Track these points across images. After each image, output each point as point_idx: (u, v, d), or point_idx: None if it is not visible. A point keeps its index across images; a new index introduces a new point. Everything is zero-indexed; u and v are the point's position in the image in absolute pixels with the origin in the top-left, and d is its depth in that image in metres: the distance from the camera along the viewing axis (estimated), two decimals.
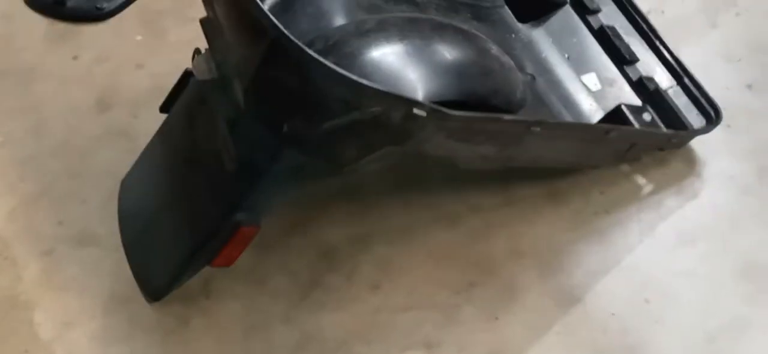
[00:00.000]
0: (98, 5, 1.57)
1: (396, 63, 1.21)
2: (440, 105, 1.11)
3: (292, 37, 1.01)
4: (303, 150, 1.11)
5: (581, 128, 1.36)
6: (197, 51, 1.19)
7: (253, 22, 1.04)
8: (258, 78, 1.07)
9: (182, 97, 1.26)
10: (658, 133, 1.38)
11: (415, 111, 1.07)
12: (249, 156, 1.13)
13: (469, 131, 1.17)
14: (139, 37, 1.55)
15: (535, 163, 1.32)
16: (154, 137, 1.30)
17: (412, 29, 1.27)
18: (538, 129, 1.22)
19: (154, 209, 1.27)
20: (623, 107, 1.37)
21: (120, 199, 1.31)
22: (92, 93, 1.47)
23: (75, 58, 1.52)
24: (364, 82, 1.04)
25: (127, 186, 1.32)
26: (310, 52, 1.02)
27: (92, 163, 1.40)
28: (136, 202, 1.29)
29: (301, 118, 1.08)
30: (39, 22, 1.56)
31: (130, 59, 1.51)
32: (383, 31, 1.23)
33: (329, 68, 1.02)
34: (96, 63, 1.51)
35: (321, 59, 1.02)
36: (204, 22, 1.17)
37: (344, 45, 1.19)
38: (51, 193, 1.36)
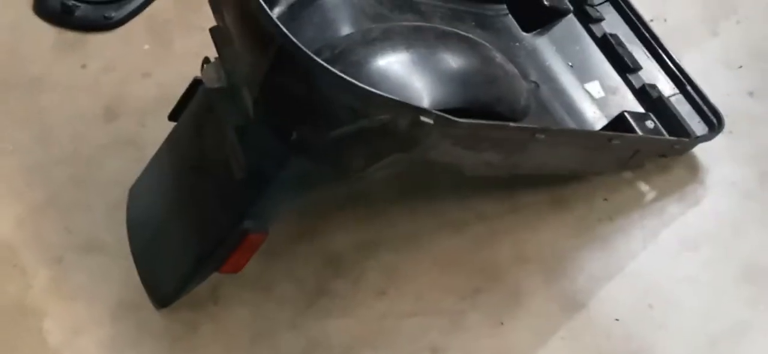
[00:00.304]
0: (106, 14, 1.57)
1: (402, 71, 1.21)
2: (445, 113, 1.11)
3: (299, 45, 1.02)
4: (311, 157, 1.12)
5: (585, 135, 1.37)
6: (206, 59, 1.19)
7: (261, 30, 1.05)
8: (266, 86, 1.07)
9: (191, 105, 1.26)
10: (661, 140, 1.38)
11: (422, 118, 1.07)
12: (257, 163, 1.13)
13: (475, 138, 1.18)
14: (146, 47, 1.55)
15: (539, 170, 1.33)
16: (162, 146, 1.31)
17: (418, 38, 1.28)
18: (543, 136, 1.22)
19: (163, 217, 1.27)
20: (626, 114, 1.38)
21: (128, 207, 1.32)
22: (100, 102, 1.47)
23: (83, 66, 1.52)
24: (372, 90, 1.05)
25: (135, 194, 1.32)
26: (318, 59, 1.03)
27: (99, 171, 1.40)
28: (144, 210, 1.30)
29: (309, 125, 1.08)
30: (47, 31, 1.56)
31: (137, 68, 1.52)
32: (389, 39, 1.24)
33: (336, 76, 1.03)
34: (103, 72, 1.51)
35: (328, 67, 1.03)
36: (213, 31, 1.18)
37: (351, 53, 1.20)
38: (58, 202, 1.36)
